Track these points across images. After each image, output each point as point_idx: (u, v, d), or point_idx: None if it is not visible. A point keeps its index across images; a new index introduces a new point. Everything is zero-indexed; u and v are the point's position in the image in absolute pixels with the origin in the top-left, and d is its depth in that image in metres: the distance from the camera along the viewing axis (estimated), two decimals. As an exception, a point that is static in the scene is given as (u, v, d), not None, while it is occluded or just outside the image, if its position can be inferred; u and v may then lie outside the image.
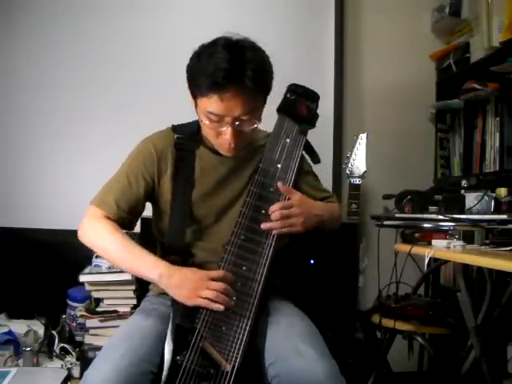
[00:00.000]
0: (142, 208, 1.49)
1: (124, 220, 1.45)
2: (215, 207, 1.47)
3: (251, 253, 1.37)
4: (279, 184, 1.42)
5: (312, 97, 1.56)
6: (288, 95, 1.54)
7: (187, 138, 1.50)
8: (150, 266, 1.34)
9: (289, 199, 1.42)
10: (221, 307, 1.29)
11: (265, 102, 1.44)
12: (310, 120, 1.54)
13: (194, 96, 1.38)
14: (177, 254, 1.39)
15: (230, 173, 1.50)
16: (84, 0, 2.32)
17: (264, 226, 1.38)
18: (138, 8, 2.35)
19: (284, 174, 1.45)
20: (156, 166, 1.46)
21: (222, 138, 1.39)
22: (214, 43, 1.35)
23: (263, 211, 1.39)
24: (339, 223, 1.63)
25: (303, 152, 1.53)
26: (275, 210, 1.38)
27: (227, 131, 1.36)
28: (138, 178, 1.45)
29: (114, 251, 1.39)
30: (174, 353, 1.25)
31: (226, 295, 1.29)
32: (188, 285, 1.30)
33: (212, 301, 1.28)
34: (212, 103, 1.32)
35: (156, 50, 2.34)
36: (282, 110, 1.53)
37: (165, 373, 1.23)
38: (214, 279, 1.30)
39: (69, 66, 2.30)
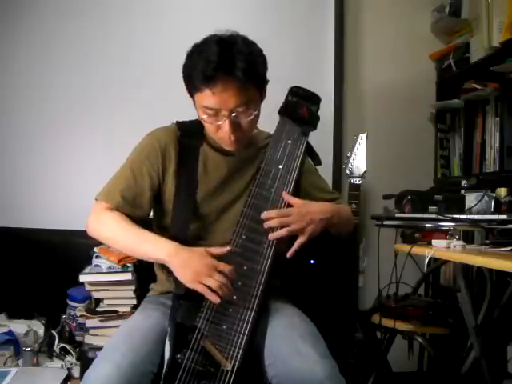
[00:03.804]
0: (148, 204, 1.48)
1: (130, 213, 1.45)
2: (217, 206, 1.48)
3: (252, 252, 1.37)
4: (283, 193, 1.41)
5: (313, 99, 1.56)
6: (289, 97, 1.54)
7: (191, 135, 1.50)
8: (158, 247, 1.36)
9: (290, 206, 1.41)
10: (217, 300, 1.28)
11: (261, 95, 1.44)
12: (312, 122, 1.54)
13: (190, 94, 1.40)
14: None
15: (233, 172, 1.50)
16: (84, 0, 2.32)
17: (270, 236, 1.38)
18: (138, 9, 2.35)
19: (286, 175, 1.45)
20: (160, 161, 1.47)
21: (222, 132, 1.39)
22: (205, 40, 1.37)
23: (265, 211, 1.40)
24: (352, 225, 1.62)
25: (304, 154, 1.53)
26: (273, 216, 1.37)
27: (225, 124, 1.37)
28: (142, 172, 1.46)
29: (121, 239, 1.41)
30: (174, 351, 1.26)
31: (226, 289, 1.29)
32: (192, 267, 1.30)
33: (212, 291, 1.28)
34: (205, 97, 1.34)
35: (156, 51, 2.34)
36: (283, 112, 1.53)
37: (165, 370, 1.23)
38: (219, 270, 1.30)
39: (69, 66, 2.30)
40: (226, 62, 1.31)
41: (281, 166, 1.45)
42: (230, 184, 1.50)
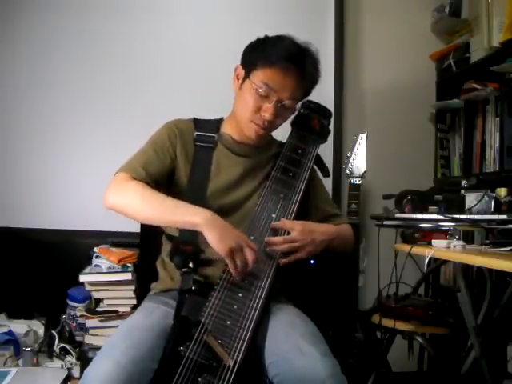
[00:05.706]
0: (166, 186, 1.48)
1: (152, 187, 1.41)
2: (225, 205, 1.49)
3: (260, 252, 1.39)
4: (282, 220, 1.45)
5: (324, 113, 1.66)
6: (302, 110, 1.63)
7: (207, 134, 1.54)
8: (194, 211, 1.34)
9: (289, 233, 1.44)
10: (238, 276, 1.32)
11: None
12: (322, 134, 1.63)
13: (252, 67, 1.45)
14: (190, 246, 1.39)
15: (244, 174, 1.53)
16: (85, 0, 2.32)
17: (270, 248, 1.41)
18: (139, 8, 2.34)
19: (295, 183, 1.51)
20: (178, 144, 1.49)
21: (259, 116, 1.45)
22: (277, 36, 1.48)
23: (273, 215, 1.45)
24: (352, 244, 1.63)
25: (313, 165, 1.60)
26: (280, 242, 1.41)
27: (269, 108, 1.43)
28: (163, 150, 1.48)
29: (149, 204, 1.37)
30: (177, 343, 1.26)
31: (251, 263, 1.31)
32: (228, 237, 1.31)
33: (235, 265, 1.30)
34: (270, 75, 1.41)
35: (157, 51, 2.34)
36: (295, 123, 1.62)
37: (166, 362, 1.24)
38: (248, 245, 1.32)
39: (69, 66, 2.30)
40: (300, 56, 1.44)
41: (290, 174, 1.53)
42: (239, 185, 1.52)
